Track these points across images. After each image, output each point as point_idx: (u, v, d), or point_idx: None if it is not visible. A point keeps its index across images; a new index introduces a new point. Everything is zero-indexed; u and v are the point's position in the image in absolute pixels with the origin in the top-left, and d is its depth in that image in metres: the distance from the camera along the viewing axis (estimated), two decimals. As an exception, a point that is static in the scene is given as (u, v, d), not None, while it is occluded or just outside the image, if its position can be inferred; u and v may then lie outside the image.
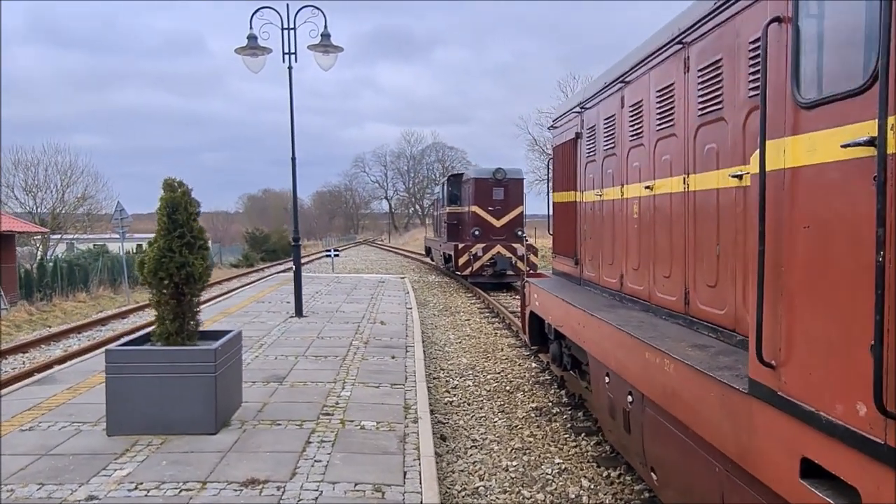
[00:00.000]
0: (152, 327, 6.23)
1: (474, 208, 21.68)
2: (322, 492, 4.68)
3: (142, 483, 4.76)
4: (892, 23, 2.07)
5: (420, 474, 5.06)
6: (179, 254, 5.90)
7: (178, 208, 6.02)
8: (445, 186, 25.32)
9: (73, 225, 40.13)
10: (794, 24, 2.67)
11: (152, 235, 6.12)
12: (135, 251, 34.25)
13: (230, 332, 6.53)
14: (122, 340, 6.72)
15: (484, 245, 20.76)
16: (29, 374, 9.62)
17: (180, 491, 4.65)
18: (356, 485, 4.81)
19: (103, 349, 10.37)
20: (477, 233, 21.24)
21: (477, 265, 20.62)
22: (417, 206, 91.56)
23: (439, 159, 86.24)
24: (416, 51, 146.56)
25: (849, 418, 2.34)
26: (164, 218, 5.98)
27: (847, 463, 2.36)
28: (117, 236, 22.48)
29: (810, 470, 2.60)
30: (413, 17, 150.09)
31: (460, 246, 21.12)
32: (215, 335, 6.43)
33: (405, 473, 5.06)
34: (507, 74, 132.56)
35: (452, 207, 24.23)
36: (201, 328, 6.30)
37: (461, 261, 20.80)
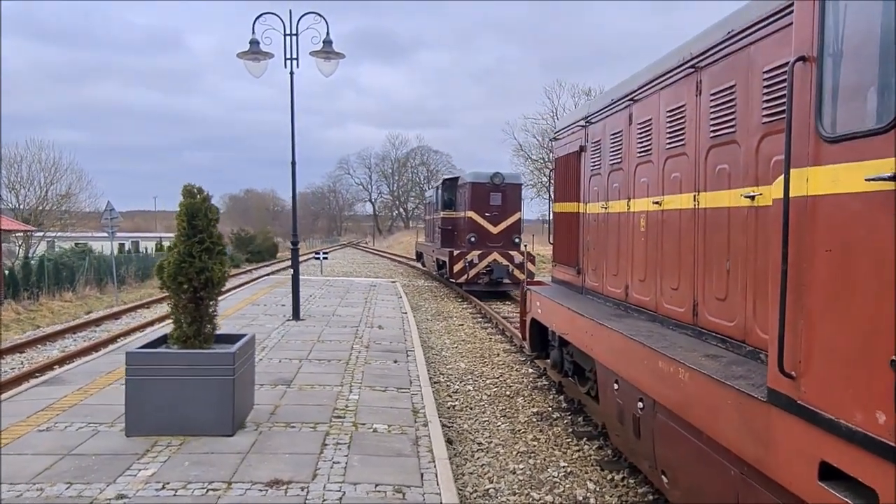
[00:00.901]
0: (168, 330, 6.35)
1: (470, 214, 21.08)
2: (345, 492, 4.84)
3: (168, 483, 4.88)
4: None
5: (437, 476, 5.24)
6: (199, 259, 6.03)
7: (197, 214, 6.15)
8: (440, 190, 24.69)
9: (54, 223, 39.64)
10: (819, 63, 2.91)
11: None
12: (118, 251, 33.98)
13: (244, 335, 6.65)
14: (137, 343, 6.81)
15: (480, 252, 20.13)
16: (31, 374, 9.64)
17: (207, 491, 4.79)
18: (377, 486, 4.98)
19: (105, 350, 10.49)
20: (473, 239, 20.65)
21: (472, 273, 19.97)
22: (401, 210, 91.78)
23: (424, 163, 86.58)
24: (398, 53, 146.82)
25: (868, 426, 2.57)
26: (184, 223, 6.11)
27: (866, 466, 2.59)
28: (100, 235, 22.27)
29: (828, 473, 2.84)
30: (395, 19, 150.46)
31: (455, 252, 20.51)
32: (228, 338, 6.56)
33: (422, 475, 5.24)
34: (490, 79, 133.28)
35: (447, 212, 23.67)
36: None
37: (456, 268, 20.21)
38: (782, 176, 3.08)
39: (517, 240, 20.58)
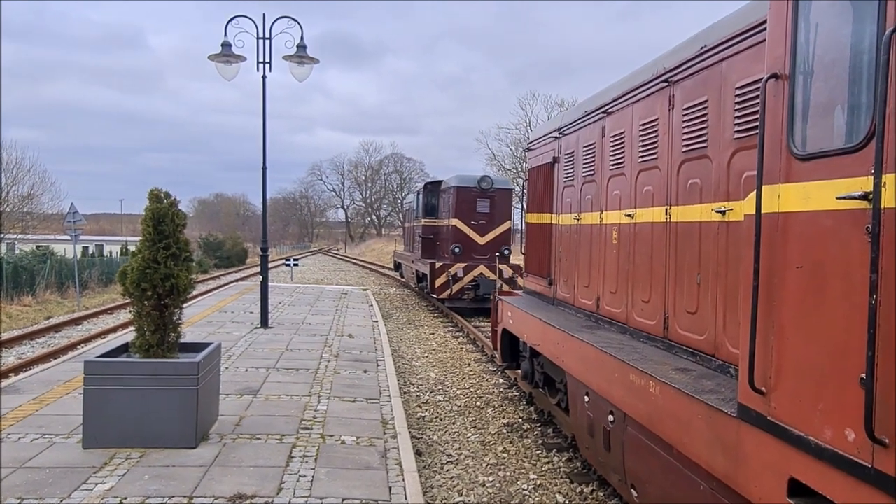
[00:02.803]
0: (131, 337, 6.15)
1: (455, 222, 18.81)
2: (311, 507, 4.73)
3: (126, 498, 4.71)
4: (890, 90, 2.33)
5: (405, 489, 5.15)
6: (164, 265, 5.86)
7: (164, 219, 5.99)
8: (421, 195, 22.09)
9: (15, 225, 38.42)
10: (791, 81, 2.93)
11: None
12: (81, 255, 33.11)
13: (210, 344, 6.49)
14: (98, 351, 6.59)
15: (465, 265, 18.01)
16: (-16, 382, 9.24)
17: (167, 506, 4.63)
18: (343, 500, 4.87)
19: (64, 358, 10.15)
20: (457, 250, 18.47)
21: (456, 288, 17.86)
22: (374, 217, 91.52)
23: (397, 170, 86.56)
24: (363, 58, 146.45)
25: (837, 443, 2.57)
26: (150, 229, 5.94)
27: (834, 483, 2.60)
28: (63, 238, 21.69)
29: (797, 489, 2.84)
30: (360, 24, 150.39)
31: (437, 265, 18.30)
32: (193, 347, 6.39)
33: (390, 489, 5.15)
34: (455, 86, 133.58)
35: (429, 219, 21.18)
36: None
37: (438, 282, 18.06)
38: (754, 192, 3.09)
39: (507, 252, 18.70)
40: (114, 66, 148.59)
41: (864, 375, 2.41)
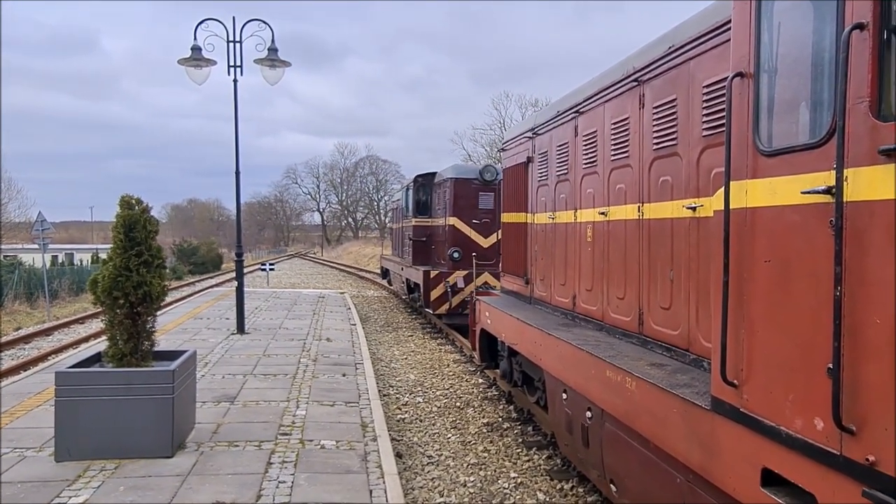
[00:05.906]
0: (104, 347, 6.04)
1: (453, 221, 15.83)
2: (291, 513, 4.69)
3: (101, 510, 4.63)
4: (850, 86, 2.39)
5: (386, 492, 5.14)
6: (137, 273, 5.77)
7: (135, 226, 5.90)
8: (411, 190, 18.67)
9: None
10: (756, 79, 3.00)
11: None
12: (51, 264, 32.43)
13: (185, 351, 6.40)
14: (70, 361, 6.46)
15: (466, 273, 14.93)
16: (-49, 396, 9.00)
17: (144, 517, 4.56)
18: (324, 505, 4.85)
19: (35, 369, 9.94)
20: (456, 255, 15.49)
21: (456, 301, 14.97)
22: (350, 219, 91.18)
23: (373, 172, 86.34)
24: (326, 60, 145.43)
25: (807, 432, 2.63)
26: (121, 236, 5.85)
27: (805, 472, 2.66)
28: (31, 247, 21.27)
29: (770, 479, 2.90)
30: (320, 26, 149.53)
31: (433, 273, 15.47)
32: (168, 355, 6.30)
33: (371, 492, 5.13)
34: (421, 88, 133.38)
35: (420, 219, 17.99)
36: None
37: (434, 294, 15.22)
38: (723, 188, 3.15)
39: None
40: (70, 70, 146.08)
41: (830, 365, 2.47)
